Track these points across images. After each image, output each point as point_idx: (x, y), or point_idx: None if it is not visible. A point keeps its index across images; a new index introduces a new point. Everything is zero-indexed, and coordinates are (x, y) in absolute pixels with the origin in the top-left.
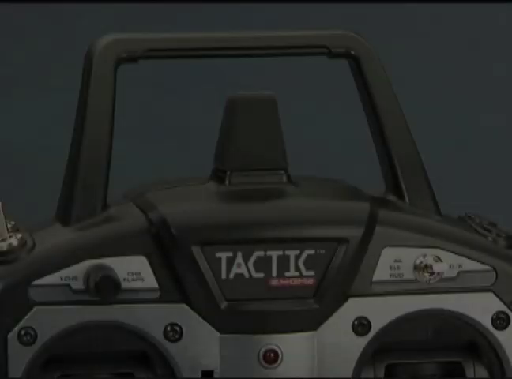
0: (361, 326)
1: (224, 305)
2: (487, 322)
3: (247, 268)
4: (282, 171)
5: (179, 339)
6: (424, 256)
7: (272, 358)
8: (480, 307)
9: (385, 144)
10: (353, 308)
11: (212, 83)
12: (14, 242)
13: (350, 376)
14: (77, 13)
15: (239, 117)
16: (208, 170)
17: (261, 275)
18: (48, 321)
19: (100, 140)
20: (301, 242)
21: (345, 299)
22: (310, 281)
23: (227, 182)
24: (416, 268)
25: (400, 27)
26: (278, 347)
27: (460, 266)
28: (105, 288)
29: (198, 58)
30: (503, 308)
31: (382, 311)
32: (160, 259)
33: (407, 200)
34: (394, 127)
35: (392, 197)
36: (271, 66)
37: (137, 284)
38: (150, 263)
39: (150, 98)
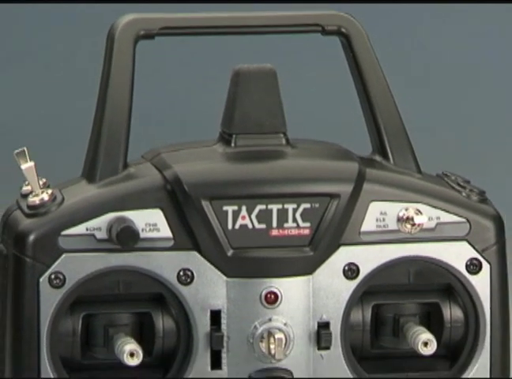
0: (351, 271)
1: (230, 252)
2: (461, 267)
3: (251, 219)
4: (281, 135)
5: (191, 282)
6: (406, 209)
7: (272, 299)
8: (456, 254)
9: (372, 112)
10: (344, 255)
11: (219, 57)
12: (45, 197)
13: (341, 314)
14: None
15: (242, 86)
16: (215, 134)
17: (262, 226)
18: (75, 267)
19: (121, 107)
20: (298, 197)
21: (337, 247)
22: (306, 231)
23: (232, 144)
24: (399, 219)
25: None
26: (278, 289)
27: (438, 218)
28: (125, 237)
29: (207, 34)
30: (476, 255)
31: (370, 258)
32: (174, 212)
33: (391, 160)
34: (380, 96)
35: (378, 158)
36: (272, 42)
37: (154, 234)
38: (165, 215)
39: (168, 70)
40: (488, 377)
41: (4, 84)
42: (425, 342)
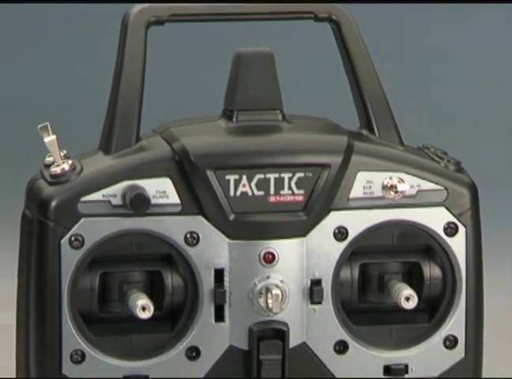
0: (340, 233)
1: (232, 216)
2: (440, 230)
3: (250, 187)
4: (278, 111)
5: (197, 243)
6: (390, 178)
7: (270, 258)
8: (435, 218)
9: (360, 91)
10: (334, 219)
11: (222, 42)
12: (66, 167)
13: (332, 272)
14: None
15: (243, 68)
16: (219, 110)
17: (261, 193)
18: (93, 230)
19: (134, 86)
20: (293, 167)
21: (328, 212)
22: (300, 198)
23: (234, 120)
24: (383, 187)
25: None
26: (275, 249)
27: (418, 186)
28: (138, 203)
29: (211, 21)
30: (453, 219)
31: (357, 221)
32: (182, 180)
33: (376, 134)
34: (366, 77)
35: (365, 132)
36: (270, 28)
37: (163, 200)
38: (174, 183)
39: (177, 55)
40: (464, 328)
41: (30, 67)
42: (407, 297)
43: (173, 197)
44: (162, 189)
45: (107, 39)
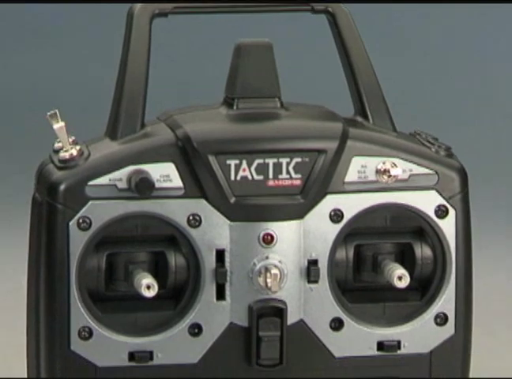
0: (336, 216)
1: (232, 199)
2: (431, 213)
3: (250, 172)
4: (276, 99)
5: (199, 225)
6: (384, 163)
7: (269, 239)
8: (426, 201)
9: (354, 79)
10: (330, 202)
11: (223, 33)
12: (74, 152)
13: (328, 253)
14: None
15: (243, 58)
16: (220, 98)
17: (260, 177)
18: (100, 212)
19: (139, 75)
20: (291, 152)
21: (324, 195)
22: (298, 182)
23: (234, 107)
24: (377, 171)
25: None
26: (274, 231)
27: (410, 170)
28: (143, 187)
29: (212, 13)
30: (443, 202)
31: (352, 204)
32: (185, 165)
33: (370, 120)
34: (361, 66)
35: (359, 119)
36: (270, 20)
37: (167, 184)
38: (177, 168)
39: (180, 47)
40: (454, 306)
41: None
42: (399, 276)
43: (176, 181)
44: (166, 174)
45: (112, 33)
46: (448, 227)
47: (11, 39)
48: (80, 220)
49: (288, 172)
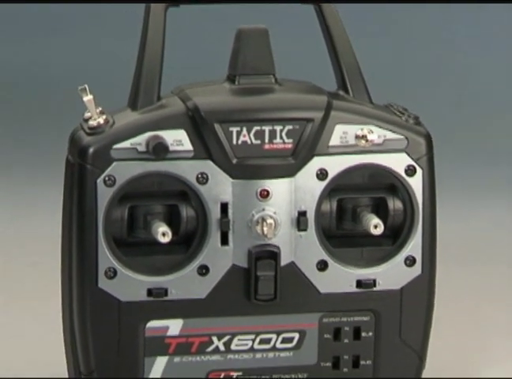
0: (321, 174)
1: (234, 160)
2: (401, 172)
3: (249, 137)
4: (271, 76)
5: (206, 182)
6: (362, 129)
7: (265, 194)
8: (397, 162)
9: (337, 58)
10: (316, 163)
11: (227, 21)
12: (101, 120)
13: (315, 205)
14: None
15: (243, 41)
16: (224, 75)
17: (258, 142)
18: (122, 171)
19: (156, 56)
20: (283, 121)
21: (312, 157)
22: (289, 146)
23: (236, 83)
24: (356, 137)
25: None
26: (269, 187)
27: (384, 136)
28: (159, 150)
29: (219, 2)
30: (412, 163)
31: (335, 164)
32: (194, 132)
33: (351, 94)
34: (342, 47)
35: (341, 93)
36: (266, 10)
37: (179, 148)
38: (188, 134)
39: (191, 33)
40: (421, 250)
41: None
42: (375, 225)
43: (187, 145)
44: (178, 139)
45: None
46: (416, 183)
47: (48, 27)
48: (106, 178)
49: (281, 137)
